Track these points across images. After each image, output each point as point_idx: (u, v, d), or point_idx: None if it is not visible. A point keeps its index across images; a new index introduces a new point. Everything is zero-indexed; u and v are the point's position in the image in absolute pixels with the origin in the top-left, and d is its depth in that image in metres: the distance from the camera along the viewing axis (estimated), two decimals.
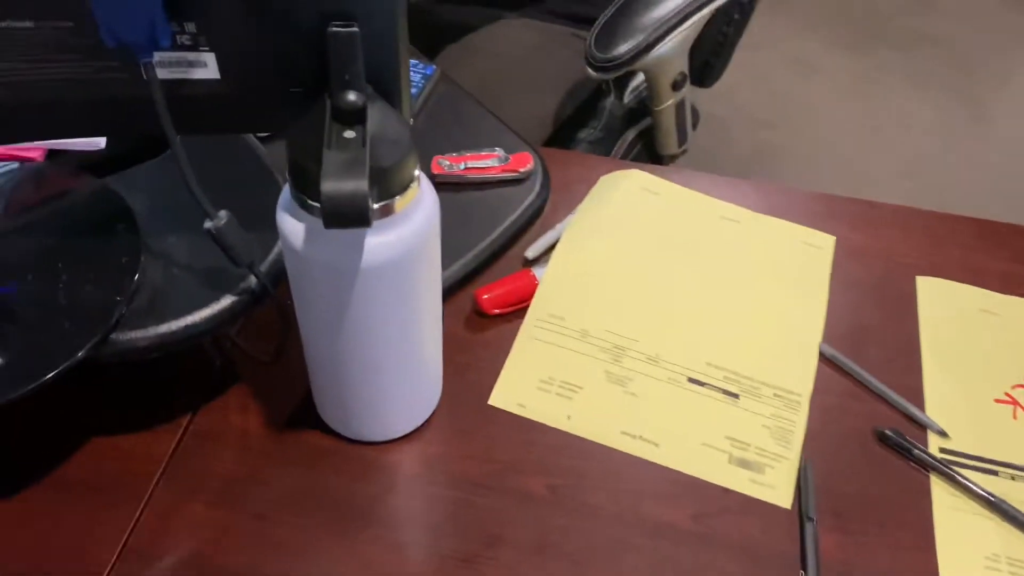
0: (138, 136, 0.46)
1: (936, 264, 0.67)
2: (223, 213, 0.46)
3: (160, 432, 0.55)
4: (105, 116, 0.43)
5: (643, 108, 1.17)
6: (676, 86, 1.11)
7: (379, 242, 0.43)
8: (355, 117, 0.41)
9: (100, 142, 0.56)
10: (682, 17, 0.99)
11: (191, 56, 0.41)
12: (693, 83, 1.36)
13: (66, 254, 0.50)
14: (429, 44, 1.10)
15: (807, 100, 2.12)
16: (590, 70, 0.96)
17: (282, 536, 0.50)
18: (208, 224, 0.45)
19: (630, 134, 1.22)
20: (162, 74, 0.41)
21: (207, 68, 0.42)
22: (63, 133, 0.44)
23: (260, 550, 0.50)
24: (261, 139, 0.59)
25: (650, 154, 1.20)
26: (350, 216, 0.38)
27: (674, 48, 1.03)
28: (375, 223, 0.42)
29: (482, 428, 0.56)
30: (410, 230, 0.44)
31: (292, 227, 0.43)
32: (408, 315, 0.47)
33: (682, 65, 1.09)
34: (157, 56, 0.41)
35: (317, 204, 0.40)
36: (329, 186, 0.38)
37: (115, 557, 0.49)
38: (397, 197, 0.42)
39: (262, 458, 0.54)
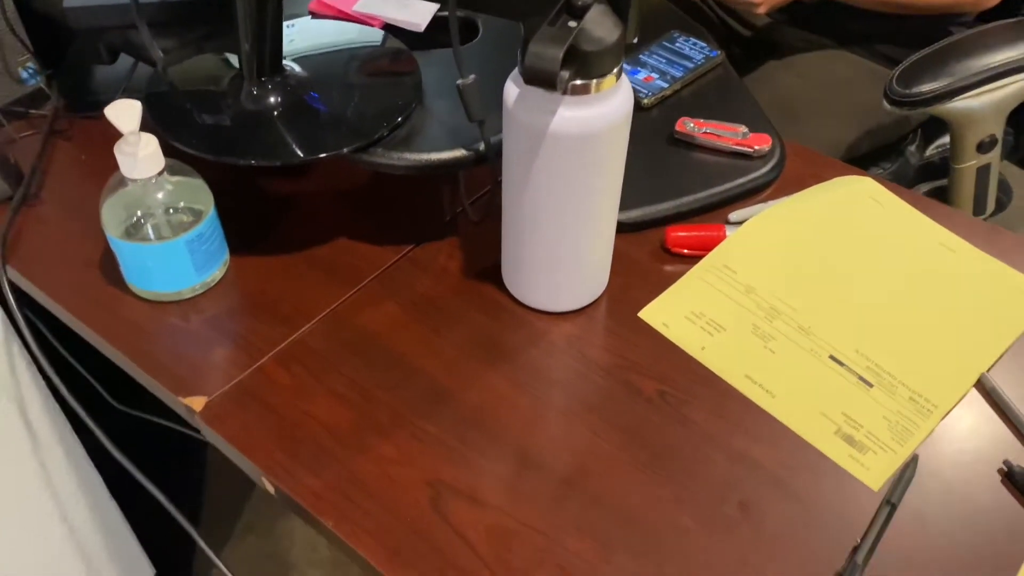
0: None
1: None
2: (472, 76, 0.58)
3: (388, 249, 0.69)
4: None
5: (944, 166, 1.13)
6: (982, 148, 1.07)
7: (569, 115, 0.53)
8: (579, 12, 0.51)
9: (421, 24, 0.73)
10: (997, 74, 0.96)
11: None
12: (1016, 164, 1.28)
13: (365, 88, 0.67)
14: (759, 54, 1.18)
15: None
16: (885, 102, 0.97)
17: (439, 344, 0.63)
18: (459, 81, 0.58)
19: (923, 187, 1.19)
20: None
21: None
22: None
23: (418, 347, 0.62)
24: None
25: None
26: (542, 76, 0.49)
27: (986, 105, 1.00)
28: (570, 99, 0.52)
29: (625, 331, 0.64)
30: (598, 114, 0.53)
31: (510, 90, 0.55)
32: (583, 192, 0.57)
33: (994, 128, 1.05)
34: None
35: None
36: (532, 47, 0.49)
37: (321, 315, 0.64)
38: (594, 81, 0.52)
39: (449, 291, 0.66)
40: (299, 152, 0.62)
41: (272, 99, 0.65)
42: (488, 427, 0.58)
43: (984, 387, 0.60)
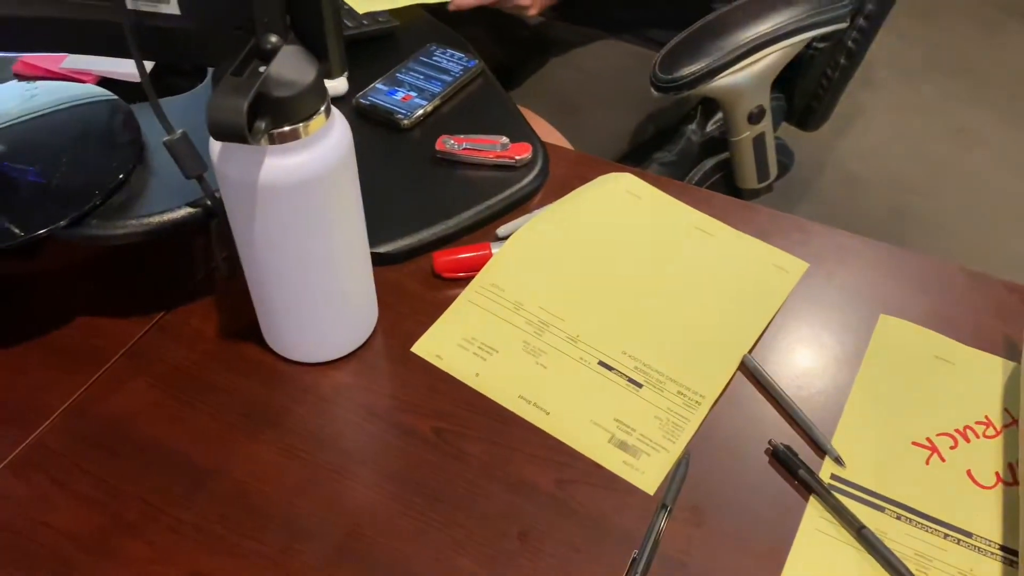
0: (104, 53, 0.55)
1: (910, 307, 0.65)
2: (180, 131, 0.54)
3: (134, 321, 0.64)
4: (88, 37, 0.53)
5: (725, 140, 1.17)
6: (752, 119, 1.11)
7: (280, 164, 0.50)
8: (268, 55, 0.48)
9: None
10: (751, 48, 1.00)
11: None
12: (794, 125, 1.35)
13: (76, 153, 0.61)
14: (538, 54, 1.18)
15: (962, 171, 1.99)
16: (653, 90, 0.99)
17: (195, 420, 0.58)
18: (165, 138, 0.54)
19: (708, 163, 1.23)
20: (132, 4, 0.50)
21: (169, 4, 0.50)
22: (54, 48, 0.55)
23: (171, 427, 0.58)
24: None
25: (729, 186, 1.20)
26: (229, 129, 0.45)
27: (748, 79, 1.04)
28: (277, 147, 0.49)
29: (399, 370, 0.61)
30: (313, 157, 0.50)
31: (214, 145, 0.51)
32: (318, 237, 0.54)
33: (760, 99, 1.09)
34: None
35: None
36: (214, 101, 0.45)
37: (60, 409, 0.59)
38: (300, 126, 0.49)
39: (205, 357, 0.62)
40: (6, 234, 0.56)
41: None
42: (252, 504, 0.54)
43: (747, 368, 0.61)
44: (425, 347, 0.63)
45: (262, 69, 0.48)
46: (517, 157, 0.75)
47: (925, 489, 0.54)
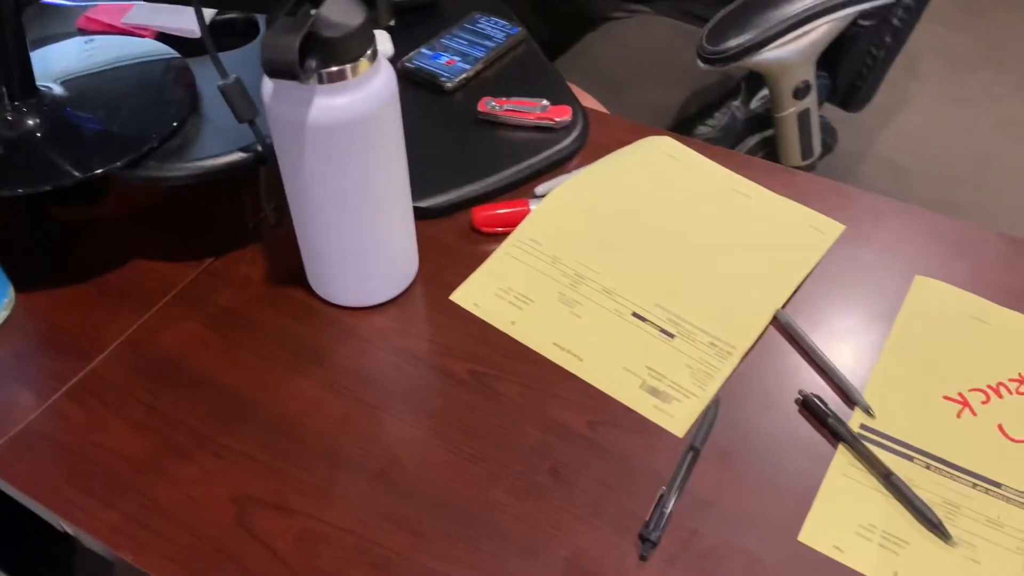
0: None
1: (947, 271, 0.65)
2: (234, 76, 0.57)
3: (185, 265, 0.67)
4: None
5: (769, 117, 1.17)
6: (798, 94, 1.11)
7: (327, 104, 0.52)
8: (318, 0, 0.50)
9: (197, 30, 0.70)
10: (798, 21, 1.00)
11: None
12: (837, 105, 1.34)
13: (135, 101, 0.64)
14: (579, 28, 1.19)
15: (1011, 164, 1.95)
16: (699, 62, 1.00)
17: (242, 357, 0.61)
18: (220, 82, 0.56)
19: (752, 140, 1.23)
20: None
21: None
22: None
23: (220, 363, 0.60)
24: None
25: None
26: (281, 66, 0.48)
27: (795, 53, 1.04)
28: (325, 87, 0.51)
29: (437, 316, 0.63)
30: (358, 99, 0.52)
31: (266, 86, 0.53)
32: (362, 180, 0.56)
33: (806, 74, 1.09)
34: None
35: None
36: (268, 39, 0.47)
37: (116, 343, 0.62)
38: (348, 67, 0.51)
39: (252, 301, 0.64)
40: (67, 173, 0.59)
41: (31, 122, 0.61)
42: (295, 434, 0.56)
43: (780, 323, 0.62)
44: (463, 296, 0.64)
45: (313, 12, 0.50)
46: (557, 119, 0.76)
47: (955, 441, 0.55)
